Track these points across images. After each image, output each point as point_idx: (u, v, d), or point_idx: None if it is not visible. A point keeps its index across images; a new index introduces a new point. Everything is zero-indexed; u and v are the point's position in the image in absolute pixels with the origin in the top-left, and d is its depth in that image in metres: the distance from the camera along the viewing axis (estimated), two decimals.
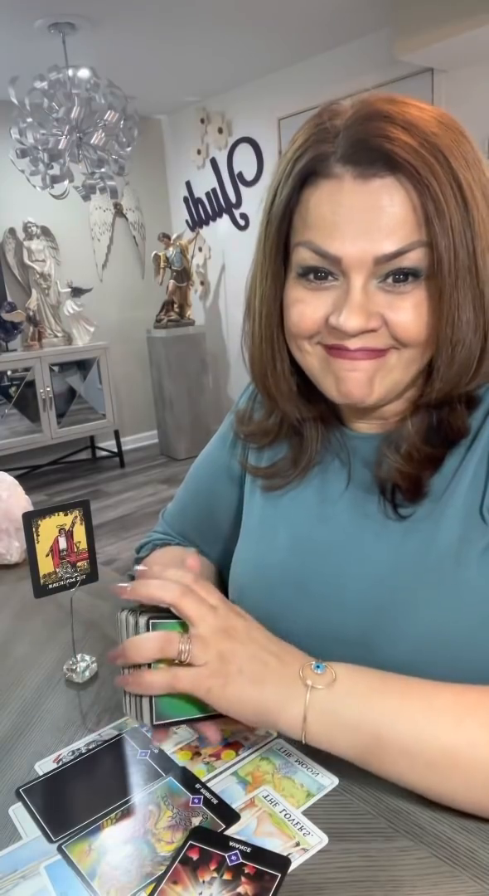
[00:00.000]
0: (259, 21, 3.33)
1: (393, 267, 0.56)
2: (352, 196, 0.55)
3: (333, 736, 0.53)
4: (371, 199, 0.55)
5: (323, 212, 0.57)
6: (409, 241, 0.54)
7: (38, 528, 0.77)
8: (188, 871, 0.50)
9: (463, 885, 0.48)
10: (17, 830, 0.56)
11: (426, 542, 0.62)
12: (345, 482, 0.70)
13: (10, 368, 4.34)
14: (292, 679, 0.54)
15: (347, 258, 0.56)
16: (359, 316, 0.57)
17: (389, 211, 0.54)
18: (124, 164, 3.50)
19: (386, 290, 0.57)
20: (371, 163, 0.54)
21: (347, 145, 0.55)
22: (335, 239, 0.56)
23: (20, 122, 3.19)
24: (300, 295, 0.60)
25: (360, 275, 0.56)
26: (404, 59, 3.14)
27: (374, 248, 0.55)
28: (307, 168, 0.57)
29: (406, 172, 0.53)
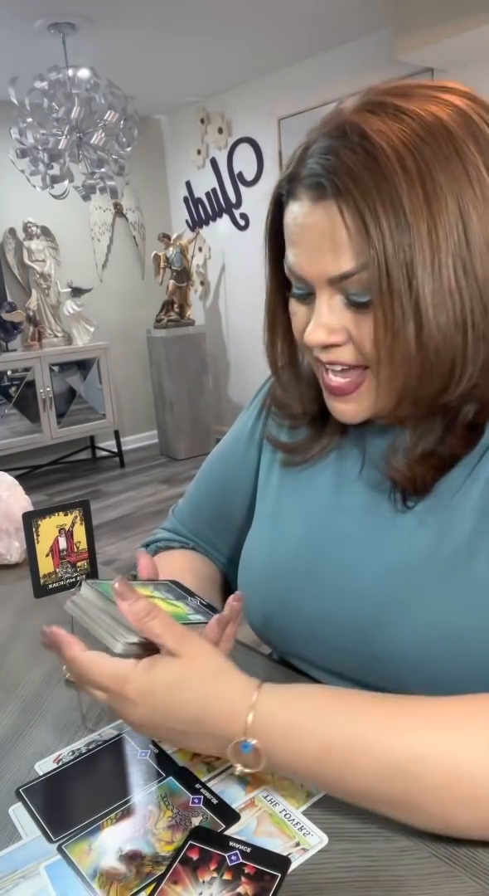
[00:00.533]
0: (259, 21, 3.33)
1: (348, 287, 0.57)
2: (308, 218, 0.57)
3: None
4: (321, 222, 0.56)
5: (291, 231, 0.60)
6: (354, 265, 0.55)
7: (38, 528, 0.77)
8: (188, 871, 0.50)
9: (463, 885, 0.48)
10: (17, 830, 0.56)
11: (439, 535, 0.62)
12: (359, 469, 0.70)
13: (10, 368, 4.34)
14: (222, 749, 0.54)
15: (308, 277, 0.59)
16: (320, 331, 0.59)
17: (334, 234, 0.56)
18: (124, 164, 3.51)
19: (351, 306, 0.58)
20: (319, 186, 0.56)
21: (309, 168, 0.57)
22: (298, 259, 0.59)
23: (20, 122, 3.19)
24: (295, 308, 0.64)
25: (324, 292, 0.59)
26: (404, 59, 3.14)
27: (326, 270, 0.57)
28: (282, 189, 0.61)
29: (344, 197, 0.54)
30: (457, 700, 0.52)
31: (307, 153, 0.58)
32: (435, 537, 0.63)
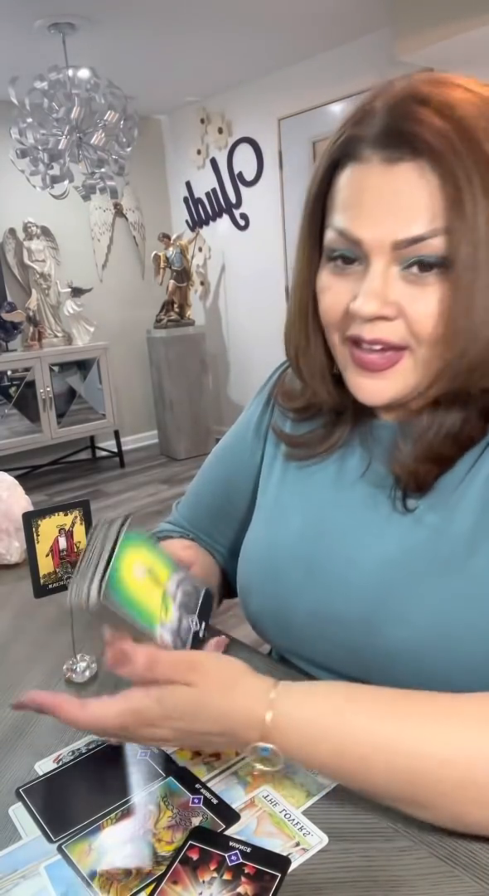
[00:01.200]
0: (259, 21, 3.33)
1: (413, 254, 0.55)
2: (377, 179, 0.55)
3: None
4: (395, 183, 0.55)
5: (349, 194, 0.57)
6: (430, 228, 0.54)
7: (38, 528, 0.77)
8: (188, 871, 0.50)
9: (463, 885, 0.48)
10: (17, 830, 0.56)
11: (438, 531, 0.62)
12: (365, 467, 0.70)
13: (10, 368, 4.34)
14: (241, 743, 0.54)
15: (367, 241, 0.56)
16: (375, 300, 0.56)
17: (412, 196, 0.54)
18: (124, 164, 3.50)
19: (408, 280, 0.56)
20: (398, 147, 0.54)
21: (379, 128, 0.55)
22: (357, 221, 0.56)
23: (20, 122, 3.19)
24: (328, 282, 0.61)
25: (380, 259, 0.56)
26: (404, 59, 3.14)
27: (394, 233, 0.55)
28: (340, 151, 0.58)
29: (431, 158, 0.53)
30: (471, 699, 0.51)
31: (371, 117, 0.56)
32: (434, 533, 0.62)
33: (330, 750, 0.51)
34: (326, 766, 0.52)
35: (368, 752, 0.50)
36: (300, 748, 0.52)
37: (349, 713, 0.52)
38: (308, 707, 0.53)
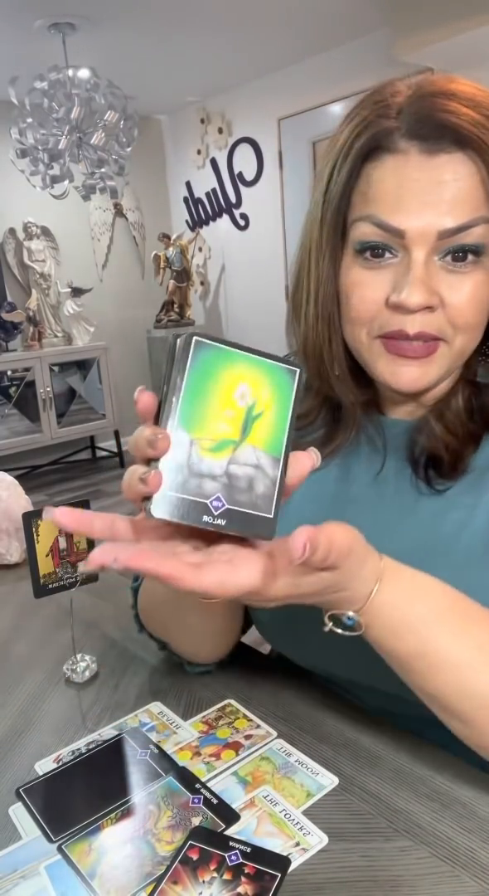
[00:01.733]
0: (259, 21, 3.33)
1: (455, 243, 0.56)
2: (418, 170, 0.55)
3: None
4: (437, 173, 0.55)
5: (387, 186, 0.57)
6: (474, 217, 0.55)
7: (38, 528, 0.77)
8: (188, 871, 0.50)
9: (463, 885, 0.48)
10: (17, 830, 0.56)
11: (460, 526, 0.62)
12: (379, 466, 0.69)
13: (10, 368, 4.33)
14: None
15: (411, 231, 0.56)
16: (422, 291, 0.56)
17: (455, 185, 0.55)
18: (124, 164, 3.50)
19: (446, 269, 0.57)
20: (437, 138, 0.55)
21: (413, 120, 0.56)
22: (399, 212, 0.56)
23: (20, 122, 3.19)
24: (359, 277, 0.60)
25: (423, 249, 0.56)
26: (404, 59, 3.14)
27: (439, 222, 0.55)
28: (370, 143, 0.57)
29: (474, 147, 0.54)
30: None
31: (396, 112, 0.57)
32: (454, 527, 0.62)
33: (410, 648, 0.51)
34: (401, 659, 0.52)
35: (447, 664, 0.51)
36: (385, 635, 0.51)
37: (439, 626, 0.52)
38: (410, 604, 0.52)
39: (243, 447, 0.44)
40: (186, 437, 0.42)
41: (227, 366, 0.43)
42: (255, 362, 0.44)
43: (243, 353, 0.43)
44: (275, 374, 0.44)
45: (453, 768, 0.59)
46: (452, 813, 0.54)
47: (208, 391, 0.42)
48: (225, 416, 0.43)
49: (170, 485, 0.41)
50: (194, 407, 0.42)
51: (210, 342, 0.42)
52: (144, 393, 0.43)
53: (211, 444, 0.43)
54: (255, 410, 0.44)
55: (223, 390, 0.43)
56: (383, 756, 0.61)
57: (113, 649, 0.82)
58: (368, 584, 0.50)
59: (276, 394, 0.44)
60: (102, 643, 0.84)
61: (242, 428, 0.44)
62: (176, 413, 0.42)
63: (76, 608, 0.84)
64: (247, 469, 0.44)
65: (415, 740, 0.63)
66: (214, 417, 0.43)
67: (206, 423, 0.43)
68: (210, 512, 0.43)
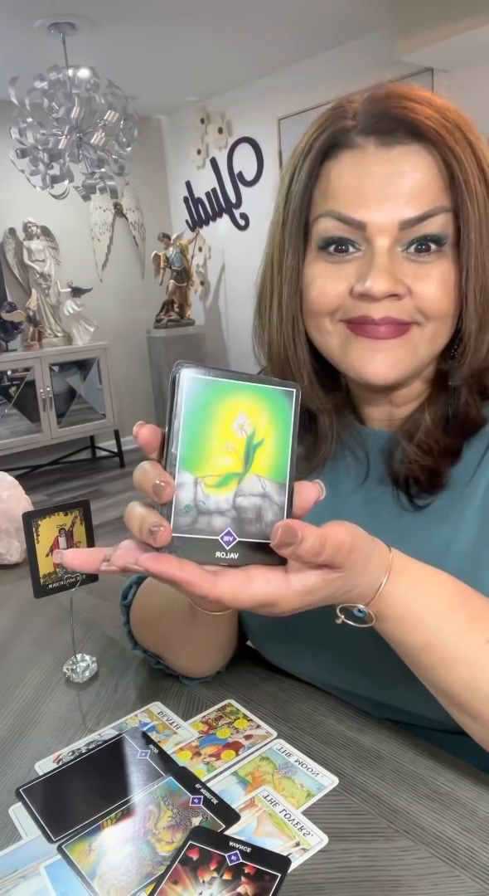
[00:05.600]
0: (259, 21, 3.33)
1: (417, 233, 0.56)
2: (375, 163, 0.56)
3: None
4: (394, 165, 0.56)
5: (346, 181, 0.57)
6: (433, 206, 0.55)
7: (38, 528, 0.77)
8: (188, 871, 0.50)
9: (463, 885, 0.48)
10: (17, 830, 0.56)
11: (446, 543, 0.62)
12: (362, 478, 0.69)
13: (10, 368, 4.33)
14: None
15: (372, 223, 0.56)
16: (386, 278, 0.56)
17: (413, 176, 0.55)
18: (124, 164, 3.51)
19: (410, 260, 0.57)
20: (393, 131, 0.56)
21: (368, 118, 0.57)
22: (360, 205, 0.57)
23: (20, 122, 3.19)
24: (320, 270, 0.60)
25: (386, 240, 0.57)
26: (404, 58, 3.14)
27: (399, 213, 0.56)
28: (328, 141, 0.58)
29: (430, 138, 0.55)
30: None
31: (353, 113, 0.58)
32: (442, 543, 0.62)
33: (419, 641, 0.51)
34: (410, 651, 0.52)
35: (455, 658, 0.51)
36: (394, 627, 0.51)
37: (447, 619, 0.51)
38: (419, 597, 0.51)
39: (248, 478, 0.44)
40: (190, 478, 0.42)
41: (222, 397, 0.43)
42: (250, 389, 0.44)
43: (237, 381, 0.43)
44: (271, 398, 0.44)
45: (453, 768, 0.59)
46: (453, 813, 0.54)
47: (206, 426, 0.43)
48: (226, 450, 0.43)
49: (179, 527, 0.42)
50: (195, 444, 0.42)
51: (202, 376, 0.43)
52: (143, 427, 0.44)
53: (215, 479, 0.43)
54: (256, 439, 0.44)
55: (221, 423, 0.43)
56: (383, 756, 0.61)
57: (113, 649, 0.82)
58: (377, 576, 0.49)
59: (275, 418, 0.44)
60: (102, 643, 0.84)
61: (244, 459, 0.44)
62: (178, 455, 0.42)
63: (76, 608, 0.84)
64: (254, 499, 0.44)
65: (415, 740, 0.63)
66: (216, 452, 0.43)
67: (208, 459, 0.43)
68: (222, 548, 0.43)
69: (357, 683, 0.67)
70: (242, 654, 0.78)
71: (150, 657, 0.75)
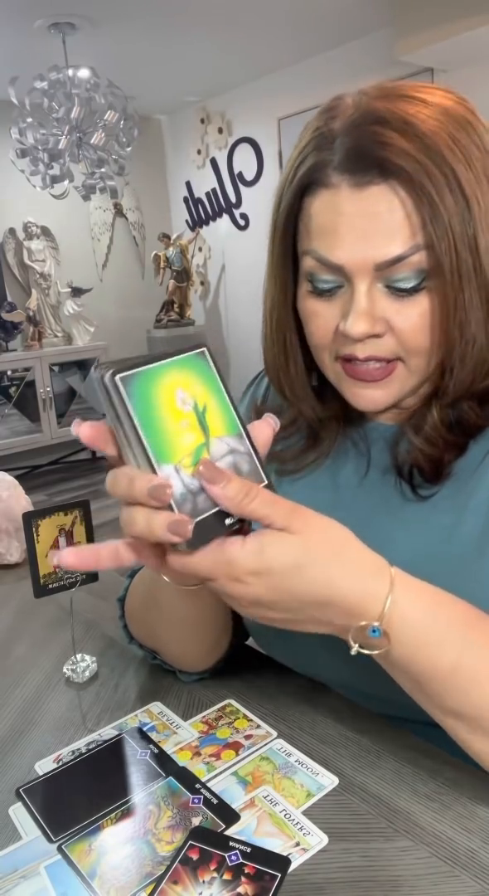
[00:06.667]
0: (259, 21, 3.33)
1: (395, 273, 0.56)
2: (349, 204, 0.56)
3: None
4: (368, 206, 0.55)
5: (323, 220, 0.57)
6: (409, 246, 0.55)
7: (38, 528, 0.77)
8: (188, 871, 0.50)
9: (463, 885, 0.48)
10: (17, 830, 0.56)
11: (449, 530, 0.62)
12: (364, 470, 0.69)
13: (10, 368, 4.34)
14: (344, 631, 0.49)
15: (349, 265, 0.57)
16: (365, 321, 0.57)
17: (388, 217, 0.55)
18: (124, 164, 3.51)
19: (392, 295, 0.57)
20: (366, 170, 0.54)
21: (342, 154, 0.55)
22: (335, 248, 0.57)
23: (20, 122, 3.19)
24: (313, 307, 0.61)
25: (364, 280, 0.57)
26: (404, 59, 3.14)
27: (374, 255, 0.55)
28: (306, 177, 0.58)
29: (400, 178, 0.54)
30: None
31: (331, 141, 0.56)
32: (445, 532, 0.62)
33: (448, 664, 0.49)
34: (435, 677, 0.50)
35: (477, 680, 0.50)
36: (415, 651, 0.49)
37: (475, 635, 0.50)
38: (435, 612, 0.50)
39: (213, 444, 0.46)
40: (170, 468, 0.43)
41: (157, 382, 0.45)
42: (172, 365, 0.46)
43: (160, 363, 0.45)
44: (191, 364, 0.47)
45: (453, 768, 0.59)
46: (452, 813, 0.54)
47: (158, 414, 0.44)
48: (183, 428, 0.45)
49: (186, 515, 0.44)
50: (157, 436, 0.44)
51: (131, 371, 0.44)
52: (82, 426, 0.45)
53: (189, 459, 0.45)
54: (200, 406, 0.46)
55: (168, 406, 0.45)
56: (383, 756, 0.61)
57: (113, 649, 0.82)
58: (374, 583, 0.49)
59: (203, 380, 0.47)
60: (102, 643, 0.84)
61: (202, 428, 0.46)
62: (150, 453, 0.43)
63: (76, 608, 0.84)
64: (227, 458, 0.46)
65: (415, 740, 0.63)
66: (177, 435, 0.45)
67: (175, 444, 0.44)
68: (227, 514, 0.45)
69: (356, 677, 0.67)
70: (242, 654, 0.78)
71: (146, 652, 0.75)
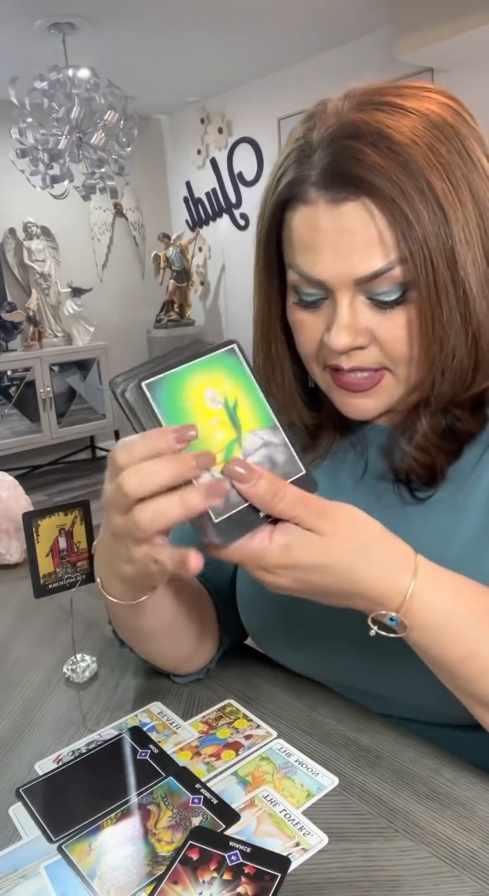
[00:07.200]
0: (259, 21, 3.33)
1: (376, 287, 0.56)
2: (326, 220, 0.56)
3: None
4: (344, 222, 0.55)
5: (302, 235, 0.58)
6: (386, 262, 0.55)
7: (38, 528, 0.77)
8: (188, 871, 0.50)
9: (463, 885, 0.48)
10: (17, 830, 0.56)
11: (448, 532, 0.62)
12: (361, 472, 0.69)
13: (10, 368, 4.34)
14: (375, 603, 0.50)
15: (329, 281, 0.57)
16: (346, 334, 0.57)
17: (365, 232, 0.55)
18: (124, 164, 3.51)
19: (375, 306, 0.58)
20: (341, 187, 0.55)
21: (319, 169, 0.56)
22: (316, 263, 0.57)
23: (20, 122, 3.19)
24: (300, 318, 0.62)
25: (346, 294, 0.57)
26: (404, 59, 3.14)
27: (353, 270, 0.56)
28: (286, 192, 0.59)
29: (373, 195, 0.54)
30: None
31: (309, 154, 0.56)
32: (444, 534, 0.62)
33: (462, 652, 0.50)
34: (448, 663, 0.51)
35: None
36: (432, 638, 0.50)
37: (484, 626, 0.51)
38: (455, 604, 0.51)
39: (245, 438, 0.47)
40: None
41: (184, 385, 0.45)
42: (200, 365, 0.46)
43: (186, 365, 0.46)
44: (221, 362, 0.47)
45: (453, 768, 0.59)
46: (452, 813, 0.54)
47: (187, 417, 0.45)
48: (214, 426, 0.46)
49: (219, 512, 0.45)
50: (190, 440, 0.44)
51: (156, 377, 0.45)
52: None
53: (221, 455, 0.45)
54: (230, 402, 0.47)
55: (198, 407, 0.45)
56: (383, 756, 0.61)
57: (113, 649, 0.82)
58: (398, 575, 0.49)
59: (234, 376, 0.47)
60: (102, 643, 0.84)
61: (233, 424, 0.46)
62: None
63: (76, 608, 0.84)
64: (261, 452, 0.47)
65: (415, 740, 0.63)
66: (208, 434, 0.45)
67: (206, 444, 0.45)
68: (257, 508, 0.46)
69: (357, 676, 0.67)
70: (242, 654, 0.78)
71: (137, 655, 0.75)
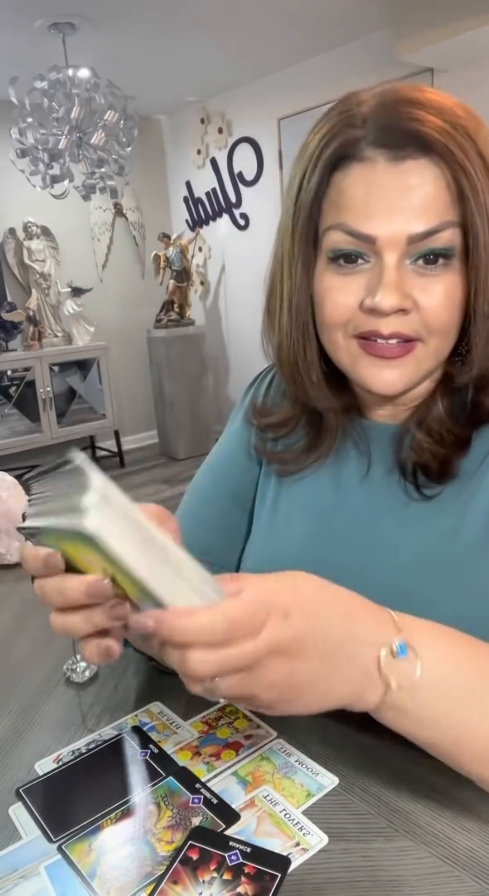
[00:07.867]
0: (259, 21, 3.32)
1: (425, 247, 0.57)
2: (385, 178, 0.56)
3: (407, 730, 0.50)
4: (404, 179, 0.56)
5: (356, 194, 0.58)
6: (441, 221, 0.56)
7: None
8: (188, 871, 0.50)
9: (463, 885, 0.48)
10: (17, 830, 0.56)
11: (452, 531, 0.62)
12: (365, 470, 0.69)
13: (10, 368, 4.33)
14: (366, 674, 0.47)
15: (381, 238, 0.57)
16: (395, 294, 0.57)
17: (422, 191, 0.55)
18: (124, 164, 3.51)
19: (417, 273, 0.58)
20: (403, 145, 0.56)
21: (378, 129, 0.56)
22: (369, 219, 0.57)
23: (20, 122, 3.19)
24: (333, 283, 0.61)
25: (394, 254, 0.57)
26: (404, 59, 3.14)
27: (408, 228, 0.56)
28: (337, 153, 0.58)
29: (439, 152, 0.55)
30: None
31: (362, 121, 0.57)
32: (448, 532, 0.62)
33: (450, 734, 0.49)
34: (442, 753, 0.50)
35: None
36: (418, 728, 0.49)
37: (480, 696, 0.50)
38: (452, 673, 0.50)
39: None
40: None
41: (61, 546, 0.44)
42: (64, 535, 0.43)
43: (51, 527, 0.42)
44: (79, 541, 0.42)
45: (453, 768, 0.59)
46: (452, 813, 0.54)
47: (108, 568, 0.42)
48: None
49: None
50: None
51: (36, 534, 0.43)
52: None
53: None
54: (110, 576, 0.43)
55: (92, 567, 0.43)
56: (383, 756, 0.61)
57: None
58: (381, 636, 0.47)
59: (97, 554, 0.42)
60: None
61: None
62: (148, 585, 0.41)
63: None
64: None
65: None
66: None
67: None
68: None
69: None
70: None
71: (141, 653, 0.75)
